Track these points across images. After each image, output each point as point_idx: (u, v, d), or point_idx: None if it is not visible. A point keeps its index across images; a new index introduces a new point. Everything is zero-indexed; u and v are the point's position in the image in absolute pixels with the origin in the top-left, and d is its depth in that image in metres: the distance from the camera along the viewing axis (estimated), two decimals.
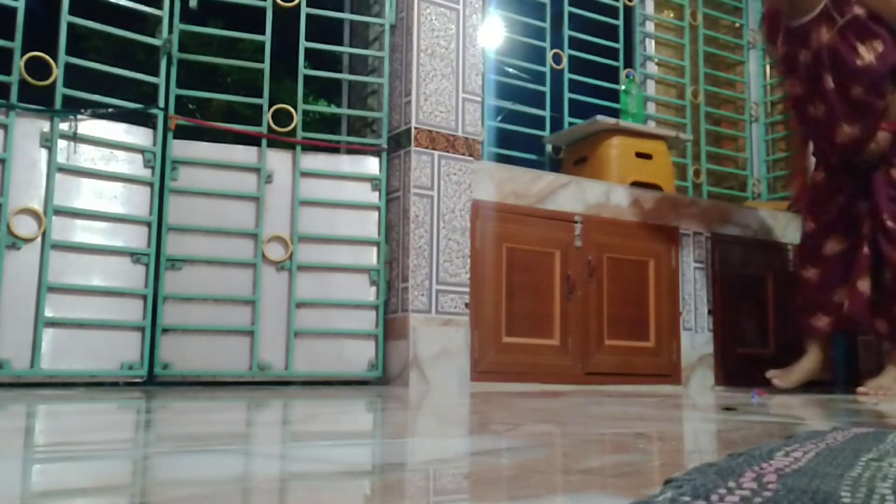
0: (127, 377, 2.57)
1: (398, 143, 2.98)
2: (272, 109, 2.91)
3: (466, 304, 2.93)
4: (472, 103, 3.07)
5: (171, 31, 2.75)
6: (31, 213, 2.46)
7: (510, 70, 3.76)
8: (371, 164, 3.02)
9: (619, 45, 3.89)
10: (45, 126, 2.50)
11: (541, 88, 3.65)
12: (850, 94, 2.75)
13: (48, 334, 2.43)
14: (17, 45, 2.46)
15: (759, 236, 3.81)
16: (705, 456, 0.99)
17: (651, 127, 3.84)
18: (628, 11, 4.00)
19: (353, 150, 3.12)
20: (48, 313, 2.43)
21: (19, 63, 2.46)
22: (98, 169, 2.58)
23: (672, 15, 4.28)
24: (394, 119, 3.04)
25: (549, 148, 3.72)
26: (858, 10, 2.69)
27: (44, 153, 2.50)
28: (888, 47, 2.69)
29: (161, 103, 2.72)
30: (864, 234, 2.91)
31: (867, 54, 2.68)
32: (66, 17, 2.55)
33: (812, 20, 2.77)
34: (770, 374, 3.04)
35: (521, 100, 3.72)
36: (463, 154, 3.00)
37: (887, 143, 2.79)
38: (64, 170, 2.52)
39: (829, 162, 2.99)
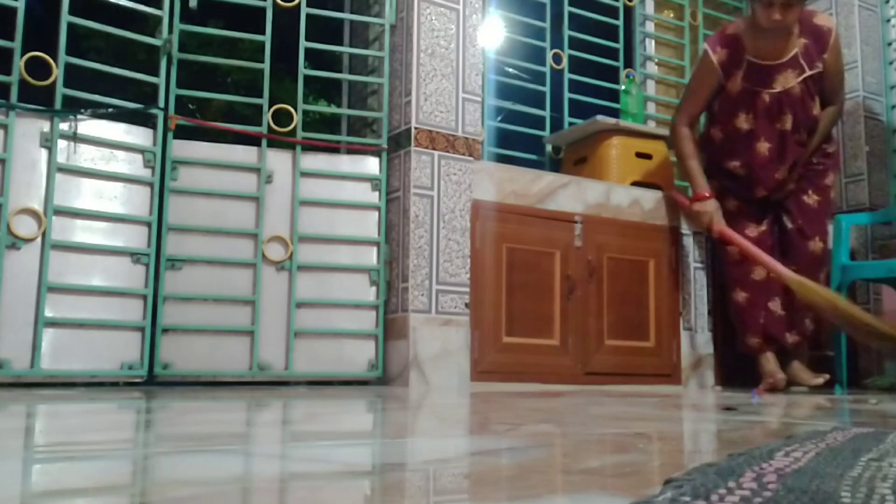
0: (127, 377, 2.57)
1: (398, 143, 2.97)
2: (272, 109, 2.91)
3: (466, 304, 2.93)
4: (472, 103, 3.07)
5: (171, 31, 2.75)
6: (31, 213, 2.46)
7: (510, 70, 3.76)
8: (371, 164, 3.02)
9: (619, 45, 3.89)
10: (45, 126, 2.50)
11: (541, 88, 3.65)
12: (798, 137, 3.08)
13: (48, 334, 2.43)
14: (17, 45, 2.46)
15: None
16: (705, 456, 0.99)
17: (651, 127, 3.84)
18: (628, 11, 4.00)
19: (353, 150, 3.12)
20: (48, 313, 2.43)
21: (19, 63, 2.46)
22: (98, 169, 2.58)
23: (672, 15, 4.28)
24: (394, 119, 3.04)
25: (549, 148, 3.72)
26: (820, 66, 3.02)
27: (44, 153, 2.50)
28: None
29: (161, 103, 2.72)
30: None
31: (816, 106, 3.04)
32: (66, 17, 2.55)
33: (781, 64, 3.02)
34: (761, 388, 3.06)
35: (521, 100, 3.72)
36: (463, 154, 3.00)
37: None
38: (64, 170, 2.52)
39: (749, 194, 3.23)
